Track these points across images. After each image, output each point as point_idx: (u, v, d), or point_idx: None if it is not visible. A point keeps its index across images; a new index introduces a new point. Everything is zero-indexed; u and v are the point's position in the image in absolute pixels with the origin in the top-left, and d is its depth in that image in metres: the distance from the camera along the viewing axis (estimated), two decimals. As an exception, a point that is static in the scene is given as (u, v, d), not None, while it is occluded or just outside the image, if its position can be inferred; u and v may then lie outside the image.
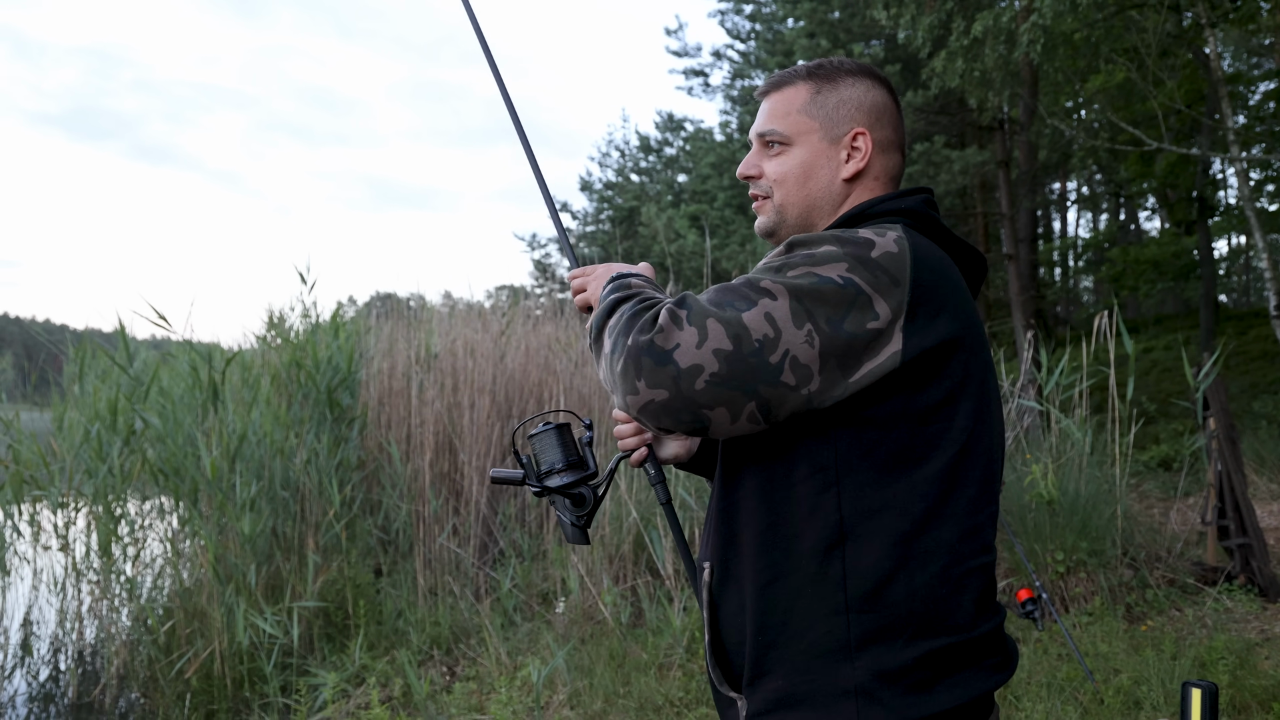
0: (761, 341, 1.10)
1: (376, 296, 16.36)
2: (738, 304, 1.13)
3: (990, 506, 1.25)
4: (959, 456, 1.21)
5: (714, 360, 1.09)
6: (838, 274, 1.15)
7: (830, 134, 1.39)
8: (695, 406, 1.10)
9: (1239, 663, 3.90)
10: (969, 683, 1.17)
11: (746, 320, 1.11)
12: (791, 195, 1.41)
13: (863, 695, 1.14)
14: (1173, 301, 26.69)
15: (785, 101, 1.42)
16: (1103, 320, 6.40)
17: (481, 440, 6.64)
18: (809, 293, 1.13)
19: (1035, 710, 3.66)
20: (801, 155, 1.40)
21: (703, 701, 4.01)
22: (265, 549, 5.73)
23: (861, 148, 1.39)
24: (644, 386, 1.11)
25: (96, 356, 7.31)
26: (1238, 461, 5.55)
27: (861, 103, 1.40)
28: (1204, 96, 14.53)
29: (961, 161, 14.20)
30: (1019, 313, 14.52)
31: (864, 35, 16.30)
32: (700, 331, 1.10)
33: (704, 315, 1.12)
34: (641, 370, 1.11)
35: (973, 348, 1.24)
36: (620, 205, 22.91)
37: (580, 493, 1.49)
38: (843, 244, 1.18)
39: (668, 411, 1.11)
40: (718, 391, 1.10)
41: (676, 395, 1.10)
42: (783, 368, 1.10)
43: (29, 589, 6.41)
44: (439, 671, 4.92)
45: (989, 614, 1.22)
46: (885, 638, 1.15)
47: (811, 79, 1.42)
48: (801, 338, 1.11)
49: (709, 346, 1.09)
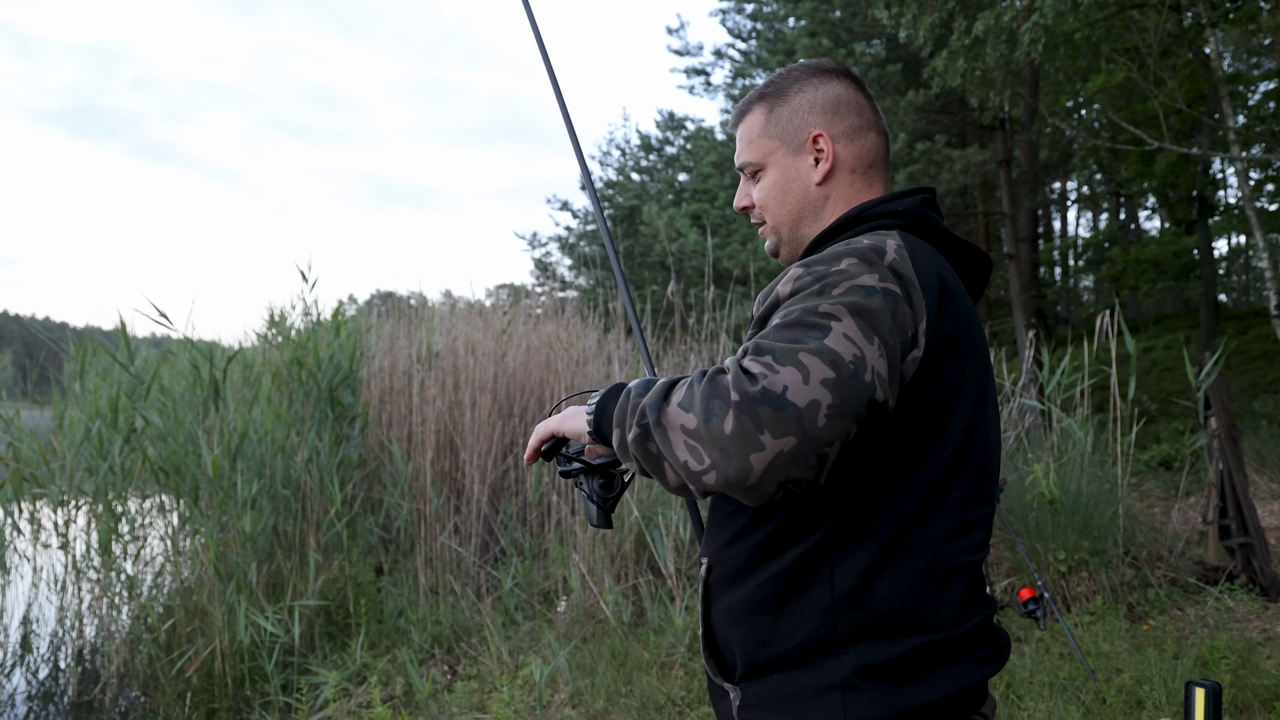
0: (855, 363, 1.07)
1: (377, 295, 16.37)
2: (812, 334, 1.09)
3: (983, 507, 1.27)
4: (952, 459, 1.23)
5: (826, 392, 1.04)
6: (878, 284, 1.15)
7: (792, 145, 1.42)
8: (820, 446, 1.04)
9: (1241, 662, 3.90)
10: (957, 675, 1.20)
11: (832, 345, 1.08)
12: (778, 214, 1.45)
13: (849, 689, 1.17)
14: (1173, 301, 26.69)
15: (748, 130, 1.47)
16: (1104, 319, 6.40)
17: (483, 439, 6.64)
18: (865, 308, 1.12)
19: (1038, 710, 3.66)
20: (774, 175, 1.44)
21: (704, 701, 4.01)
22: (266, 547, 5.73)
23: (823, 148, 1.41)
24: (770, 438, 1.02)
25: (97, 354, 7.31)
26: (1239, 461, 5.55)
27: (813, 104, 1.42)
28: (1204, 96, 14.53)
29: (962, 161, 14.19)
30: (1020, 312, 14.52)
31: (865, 34, 16.28)
32: (799, 368, 1.05)
33: (791, 353, 1.07)
34: (762, 421, 1.02)
35: (969, 350, 1.25)
36: (621, 204, 22.89)
37: (613, 473, 1.48)
38: (860, 255, 1.19)
39: (796, 460, 1.03)
40: (836, 424, 1.04)
41: (804, 439, 1.03)
42: (875, 385, 1.08)
43: (29, 587, 6.41)
44: (440, 670, 4.91)
45: (976, 609, 1.25)
46: (871, 634, 1.18)
47: (764, 100, 1.46)
48: (876, 352, 1.10)
49: (815, 379, 1.04)
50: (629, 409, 1.14)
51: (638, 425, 1.11)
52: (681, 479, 1.08)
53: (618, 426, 1.15)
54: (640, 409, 1.11)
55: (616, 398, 1.21)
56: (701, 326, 7.38)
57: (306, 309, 7.41)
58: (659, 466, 1.10)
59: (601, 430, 1.23)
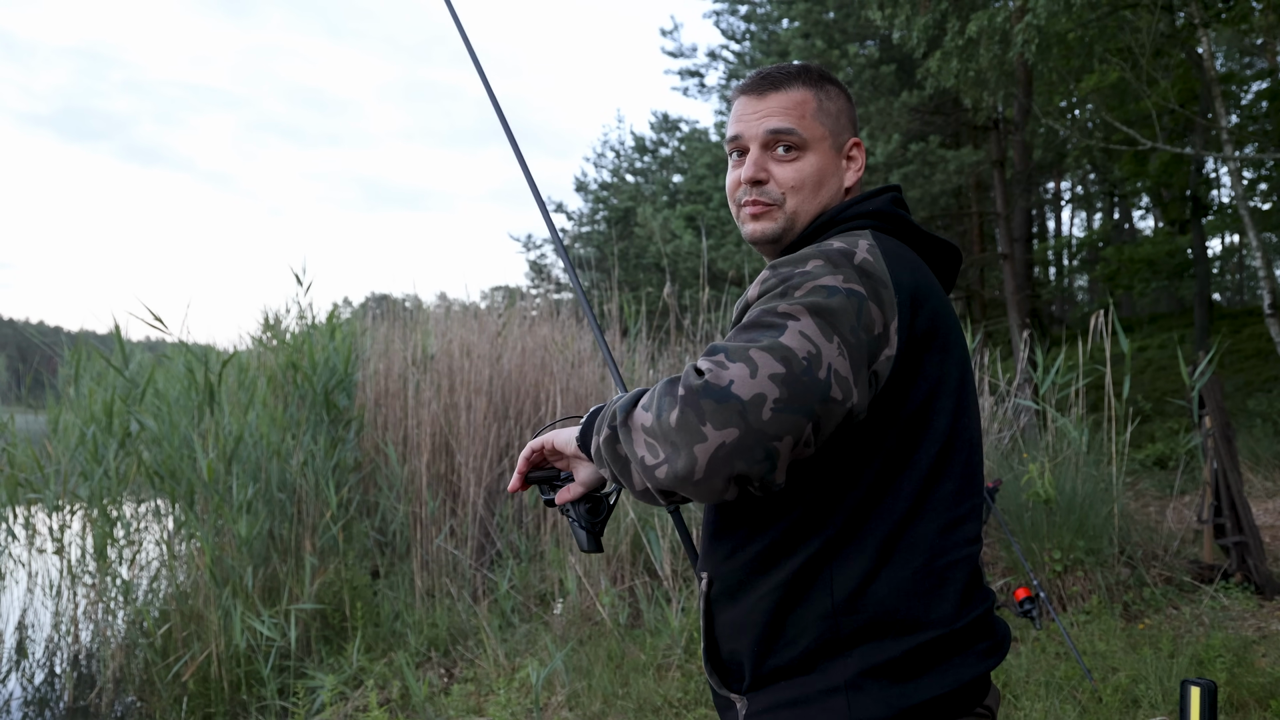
0: (808, 359, 1.07)
1: (372, 298, 16.34)
2: (768, 333, 1.10)
3: (973, 499, 1.28)
4: (940, 455, 1.24)
5: (773, 386, 1.04)
6: (841, 284, 1.15)
7: (836, 142, 1.39)
8: (766, 439, 1.04)
9: (1236, 660, 3.91)
10: (959, 669, 1.21)
11: (786, 342, 1.08)
12: (806, 204, 1.36)
13: (853, 689, 1.17)
14: (1167, 300, 26.73)
15: (796, 102, 1.36)
16: (1098, 319, 6.41)
17: (478, 441, 6.63)
18: (824, 308, 1.12)
19: (1034, 709, 3.67)
20: (817, 162, 1.36)
21: (701, 702, 4.01)
22: (262, 551, 5.72)
23: (857, 158, 1.40)
24: (711, 429, 1.02)
25: (91, 358, 7.29)
26: (1233, 459, 5.56)
27: (851, 112, 1.42)
28: (1197, 96, 14.59)
29: (956, 161, 14.22)
30: (1014, 312, 14.54)
31: (859, 35, 16.29)
32: (748, 363, 1.05)
33: (743, 350, 1.07)
34: (704, 413, 1.03)
35: (946, 346, 1.26)
36: (616, 206, 22.89)
37: (598, 496, 1.44)
38: (827, 256, 1.19)
39: (740, 452, 1.03)
40: (784, 418, 1.04)
41: (747, 431, 1.03)
42: (830, 382, 1.08)
43: (24, 592, 6.40)
44: (437, 673, 4.91)
45: (975, 603, 1.25)
46: (874, 634, 1.19)
47: (810, 85, 1.38)
48: (835, 351, 1.09)
49: (763, 374, 1.04)
50: (605, 415, 1.16)
51: (608, 427, 1.14)
52: (642, 478, 1.09)
53: (596, 433, 1.18)
54: (612, 413, 1.14)
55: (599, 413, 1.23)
56: (696, 328, 7.39)
57: (301, 312, 7.41)
58: (626, 469, 1.12)
59: (585, 439, 1.24)
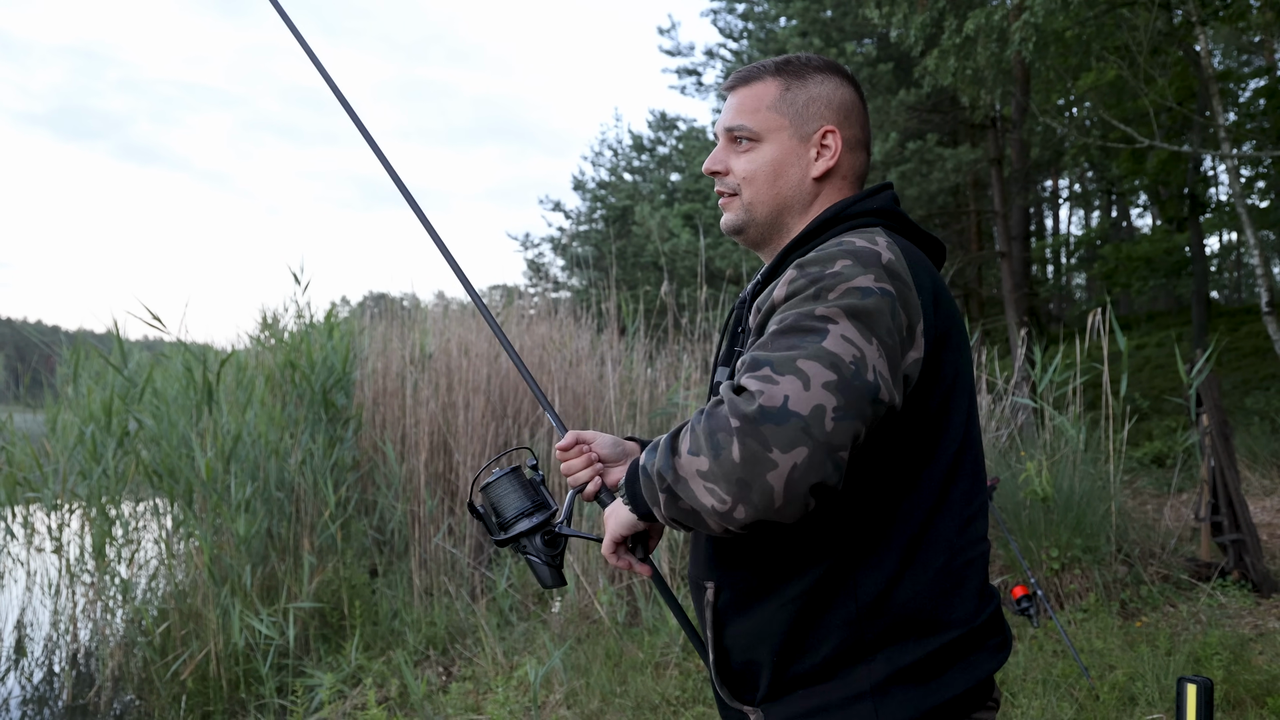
0: (855, 363, 1.05)
1: (370, 297, 16.34)
2: (809, 339, 1.07)
3: (980, 495, 1.28)
4: (956, 455, 1.23)
5: (829, 395, 1.01)
6: (874, 284, 1.13)
7: (800, 131, 1.37)
8: (833, 450, 1.01)
9: (1233, 658, 3.91)
10: (977, 666, 1.22)
11: (830, 347, 1.05)
12: (761, 193, 1.37)
13: (878, 694, 1.16)
14: (1165, 298, 26.73)
15: (754, 97, 1.38)
16: (1096, 317, 6.41)
17: (476, 440, 6.63)
18: (861, 310, 1.10)
19: (1031, 707, 3.67)
20: (771, 152, 1.37)
21: (699, 700, 4.02)
22: (260, 550, 5.72)
23: (831, 145, 1.37)
24: (779, 454, 0.99)
25: (90, 357, 7.29)
26: (1230, 457, 5.57)
27: (830, 100, 1.38)
28: (1195, 94, 14.58)
29: (954, 159, 14.23)
30: (1012, 310, 14.55)
31: (856, 34, 16.30)
32: (799, 375, 1.02)
33: (789, 360, 1.04)
34: (767, 440, 0.99)
35: (958, 345, 1.25)
36: (613, 204, 22.88)
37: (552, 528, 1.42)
38: (855, 256, 1.17)
39: (813, 468, 1.00)
40: (845, 425, 1.02)
41: (815, 446, 0.99)
42: (878, 384, 1.06)
43: (23, 591, 6.40)
44: (435, 672, 4.91)
45: (988, 599, 1.26)
46: (898, 637, 1.18)
47: (780, 75, 1.38)
48: (876, 352, 1.08)
49: (816, 384, 1.02)
50: (651, 481, 1.12)
51: (662, 492, 1.09)
52: (720, 524, 1.05)
53: (653, 505, 1.13)
54: (658, 474, 1.09)
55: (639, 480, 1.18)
56: (694, 326, 7.39)
57: (299, 311, 7.40)
58: (698, 519, 1.07)
59: (641, 509, 1.20)
